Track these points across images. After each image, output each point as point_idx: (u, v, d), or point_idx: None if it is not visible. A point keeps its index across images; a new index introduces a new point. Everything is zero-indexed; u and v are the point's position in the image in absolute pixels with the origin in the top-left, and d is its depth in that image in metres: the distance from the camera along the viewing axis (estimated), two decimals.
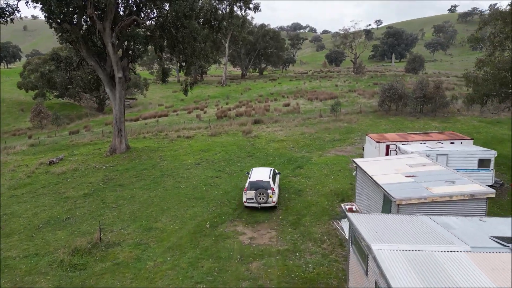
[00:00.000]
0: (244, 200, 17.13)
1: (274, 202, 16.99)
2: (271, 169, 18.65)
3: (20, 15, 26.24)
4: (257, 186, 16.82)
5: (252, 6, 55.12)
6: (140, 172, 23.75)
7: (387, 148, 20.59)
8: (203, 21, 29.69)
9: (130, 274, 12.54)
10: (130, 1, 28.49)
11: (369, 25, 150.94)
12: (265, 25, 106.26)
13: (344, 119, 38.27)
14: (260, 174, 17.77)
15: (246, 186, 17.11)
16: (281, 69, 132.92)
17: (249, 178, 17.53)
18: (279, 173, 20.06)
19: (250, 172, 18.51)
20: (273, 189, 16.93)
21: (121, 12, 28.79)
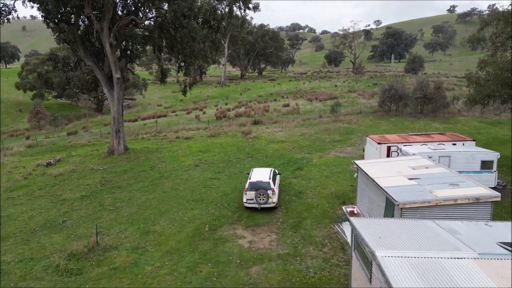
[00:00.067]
0: (244, 201, 16.99)
1: (275, 203, 16.86)
2: (271, 170, 18.51)
3: (17, 15, 25.94)
4: (257, 187, 16.71)
5: (252, 6, 54.66)
6: (138, 174, 23.46)
7: (388, 150, 20.36)
8: (202, 21, 29.41)
9: (127, 280, 12.26)
10: (128, 1, 28.23)
11: (368, 26, 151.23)
12: (264, 25, 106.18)
13: (344, 120, 38.03)
14: (260, 175, 17.65)
15: (246, 187, 16.98)
16: (281, 70, 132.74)
17: (249, 179, 17.41)
18: (279, 174, 19.93)
19: (250, 173, 18.39)
20: (273, 190, 16.82)
21: (119, 12, 28.53)
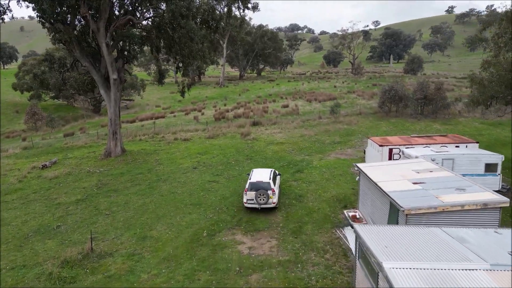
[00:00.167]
0: (245, 201, 16.93)
1: (275, 203, 16.83)
2: (272, 170, 18.50)
3: (12, 15, 25.53)
4: (258, 187, 16.69)
5: (251, 6, 54.28)
6: (135, 177, 23.02)
7: (390, 152, 19.99)
8: (201, 21, 29.02)
9: None
10: (125, 1, 27.78)
11: (367, 26, 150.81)
12: (263, 26, 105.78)
13: (344, 121, 37.66)
14: (261, 175, 17.66)
15: (247, 187, 16.95)
16: (279, 70, 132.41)
17: (250, 179, 17.40)
18: (280, 174, 19.89)
19: (251, 173, 18.35)
20: (274, 190, 16.80)
21: (116, 12, 28.09)
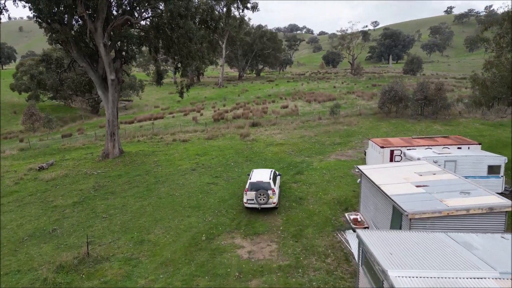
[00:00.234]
0: (245, 201, 16.92)
1: (275, 203, 16.82)
2: (272, 171, 18.50)
3: (9, 15, 25.15)
4: (258, 187, 16.71)
5: (250, 6, 54.04)
6: (133, 179, 22.72)
7: (392, 154, 19.73)
8: (199, 21, 28.75)
9: None
10: (123, 0, 27.46)
11: (366, 27, 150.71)
12: (262, 26, 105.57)
13: (344, 122, 37.42)
14: (261, 175, 17.69)
15: (247, 187, 16.96)
16: (278, 71, 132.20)
17: (250, 179, 17.42)
18: (280, 175, 19.88)
19: (251, 173, 18.36)
20: (274, 190, 16.80)
21: (114, 12, 27.79)
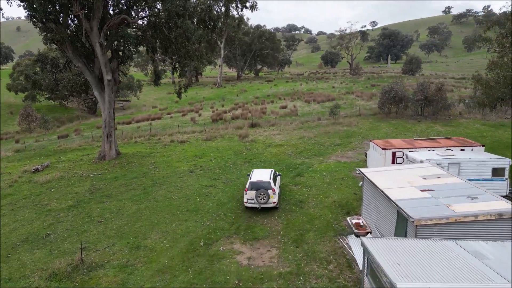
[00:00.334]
0: (245, 201, 16.87)
1: (275, 203, 16.77)
2: (272, 170, 18.46)
3: (3, 14, 24.72)
4: (258, 187, 16.67)
5: (249, 5, 53.52)
6: (130, 181, 22.26)
7: (394, 156, 19.35)
8: (198, 21, 28.33)
9: None
10: None
11: (364, 27, 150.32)
12: (261, 26, 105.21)
13: (344, 122, 37.05)
14: (261, 175, 17.63)
15: (247, 187, 16.92)
16: (277, 71, 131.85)
17: (250, 179, 17.36)
18: (280, 175, 19.85)
19: (251, 173, 18.32)
20: (274, 190, 16.75)
21: (111, 11, 27.32)
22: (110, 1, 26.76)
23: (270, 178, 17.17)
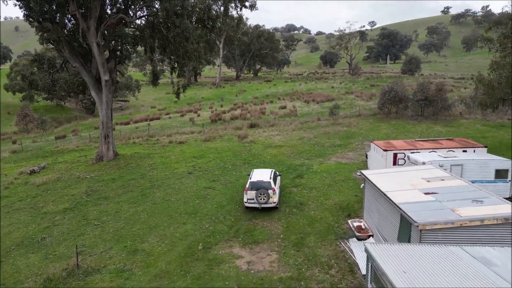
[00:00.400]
0: (245, 201, 16.85)
1: (275, 203, 16.74)
2: (272, 170, 18.48)
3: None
4: (258, 187, 16.66)
5: (249, 4, 53.17)
6: (128, 183, 21.95)
7: (395, 157, 19.10)
8: (196, 20, 28.04)
9: None
10: None
11: (363, 26, 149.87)
12: (260, 26, 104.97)
13: (343, 123, 36.80)
14: (261, 175, 17.64)
15: (247, 187, 16.90)
16: (276, 71, 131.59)
17: (250, 179, 17.34)
18: (280, 175, 19.90)
19: (251, 173, 18.32)
20: (274, 190, 16.72)
21: (108, 10, 27.01)
22: (108, 1, 26.46)
23: (270, 178, 17.16)
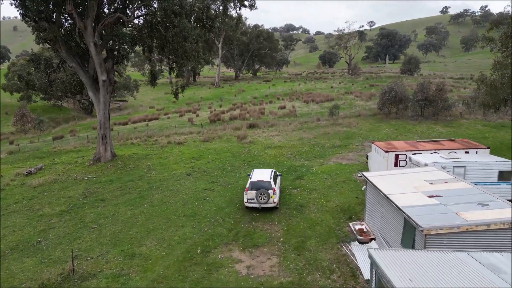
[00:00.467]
0: (245, 201, 16.83)
1: (275, 203, 16.72)
2: (272, 170, 18.43)
3: None
4: (258, 187, 16.63)
5: (248, 4, 52.93)
6: (125, 184, 21.64)
7: (396, 158, 18.84)
8: (195, 20, 27.74)
9: None
10: None
11: (362, 26, 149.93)
12: (259, 26, 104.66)
13: (343, 123, 36.55)
14: (261, 175, 17.59)
15: (247, 187, 16.87)
16: (275, 70, 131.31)
17: (250, 179, 17.30)
18: (280, 175, 19.88)
19: (251, 173, 18.27)
20: (274, 190, 16.69)
21: (106, 10, 26.68)
22: (105, 0, 26.11)
23: (271, 178, 17.10)
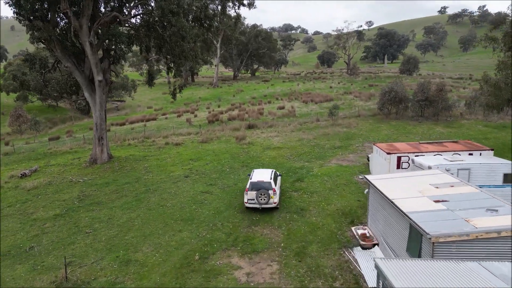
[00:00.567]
0: (245, 201, 16.81)
1: (276, 203, 16.71)
2: (273, 171, 18.35)
3: None
4: (259, 187, 16.59)
5: (247, 3, 52.47)
6: (122, 187, 21.18)
7: (399, 160, 18.45)
8: (193, 19, 27.28)
9: None
10: None
11: (360, 26, 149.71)
12: (257, 26, 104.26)
13: (343, 124, 36.17)
14: (261, 175, 17.53)
15: (247, 187, 16.83)
16: (274, 70, 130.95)
17: (251, 179, 17.25)
18: (280, 175, 19.81)
19: (252, 173, 18.19)
20: (275, 190, 16.65)
21: (102, 9, 26.22)
22: None
23: (271, 178, 17.02)
